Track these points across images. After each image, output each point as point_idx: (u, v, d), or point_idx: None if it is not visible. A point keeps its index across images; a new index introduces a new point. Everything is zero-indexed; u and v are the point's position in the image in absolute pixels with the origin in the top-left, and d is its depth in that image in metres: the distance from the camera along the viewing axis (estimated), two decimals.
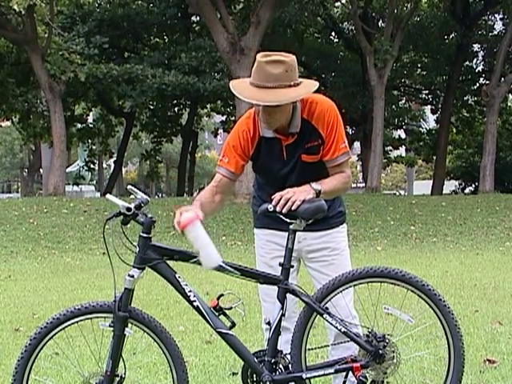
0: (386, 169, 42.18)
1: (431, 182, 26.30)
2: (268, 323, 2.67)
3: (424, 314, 2.99)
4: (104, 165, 42.97)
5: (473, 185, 28.47)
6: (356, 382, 2.61)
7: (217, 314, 2.62)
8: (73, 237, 13.07)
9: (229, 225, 14.26)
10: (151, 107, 25.57)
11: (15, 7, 15.29)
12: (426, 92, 28.78)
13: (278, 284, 2.64)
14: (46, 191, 18.82)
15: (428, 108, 30.30)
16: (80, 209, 15.29)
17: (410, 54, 26.91)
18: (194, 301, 2.60)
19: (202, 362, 4.17)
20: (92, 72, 18.68)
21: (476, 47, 26.23)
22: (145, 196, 2.63)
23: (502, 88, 21.00)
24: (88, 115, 27.84)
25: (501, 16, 25.35)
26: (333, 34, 27.34)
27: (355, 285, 2.69)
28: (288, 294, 2.66)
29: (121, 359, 2.61)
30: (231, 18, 17.87)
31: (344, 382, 2.70)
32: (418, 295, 2.66)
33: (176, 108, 26.86)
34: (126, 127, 27.10)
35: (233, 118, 25.13)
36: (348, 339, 2.66)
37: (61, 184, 18.32)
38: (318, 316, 2.65)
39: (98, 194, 33.47)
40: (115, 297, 2.58)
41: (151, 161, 30.01)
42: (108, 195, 2.69)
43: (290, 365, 2.64)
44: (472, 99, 27.88)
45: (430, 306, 2.66)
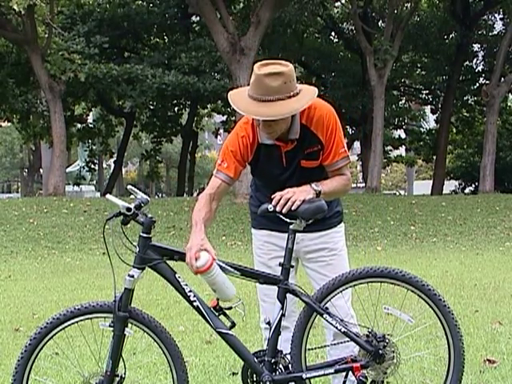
0: (386, 169, 42.21)
1: (431, 182, 26.30)
2: (268, 323, 2.67)
3: (424, 314, 2.99)
4: (104, 165, 42.96)
5: (473, 185, 28.47)
6: (356, 382, 2.61)
7: (217, 314, 2.62)
8: (73, 237, 13.07)
9: (229, 225, 14.25)
10: (151, 107, 25.57)
11: (15, 7, 15.28)
12: (426, 92, 28.78)
13: (278, 284, 2.64)
14: (46, 191, 18.83)
15: (428, 108, 30.31)
16: (80, 209, 15.29)
17: (410, 54, 26.91)
18: (194, 301, 2.60)
19: (202, 362, 4.17)
20: (92, 72, 18.68)
21: (476, 47, 26.22)
22: (145, 196, 2.63)
23: (502, 88, 21.00)
24: (88, 115, 27.85)
25: (501, 16, 25.35)
26: (333, 34, 27.34)
27: (355, 285, 2.69)
28: (287, 294, 2.66)
29: (121, 359, 2.61)
30: (231, 18, 17.86)
31: (344, 382, 2.70)
32: (418, 295, 2.66)
33: (176, 108, 26.85)
34: (126, 127, 27.10)
35: (233, 118, 25.11)
36: (347, 339, 2.66)
37: (61, 184, 18.32)
38: (318, 316, 2.65)
39: (98, 194, 33.46)
40: (115, 297, 2.59)
41: (151, 161, 30.02)
42: (108, 195, 2.69)
43: (290, 365, 2.64)
44: (472, 99, 27.88)
45: (430, 306, 2.66)
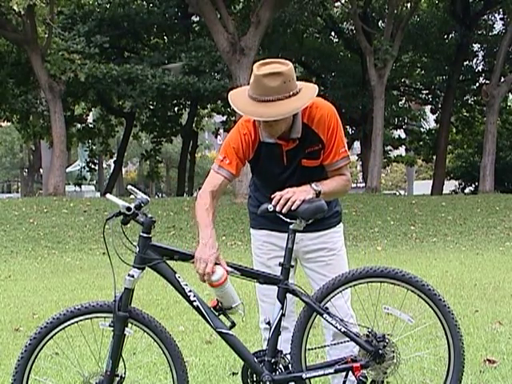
0: (386, 168, 42.19)
1: (431, 182, 26.30)
2: (268, 323, 2.67)
3: (424, 314, 2.99)
4: (104, 165, 42.96)
5: (473, 185, 28.46)
6: (356, 382, 2.61)
7: (217, 314, 2.62)
8: (73, 237, 13.07)
9: (229, 225, 14.25)
10: (151, 107, 25.56)
11: (15, 7, 15.29)
12: (426, 92, 28.78)
13: (278, 284, 2.64)
14: (46, 191, 18.83)
15: (428, 108, 30.30)
16: (80, 209, 15.29)
17: (410, 54, 26.90)
18: (194, 301, 2.60)
19: (202, 362, 4.17)
20: (92, 72, 18.69)
21: (476, 47, 26.22)
22: (145, 196, 2.63)
23: (502, 88, 21.00)
24: (88, 115, 27.84)
25: (501, 16, 25.36)
26: (333, 34, 27.33)
27: (355, 285, 2.69)
28: (286, 294, 2.66)
29: (121, 359, 2.61)
30: (231, 18, 17.86)
31: (344, 382, 2.70)
32: (418, 295, 2.66)
33: (176, 108, 26.85)
34: (126, 127, 27.10)
35: (233, 118, 25.11)
36: (347, 339, 2.66)
37: (61, 184, 18.32)
38: (318, 316, 2.65)
39: (98, 194, 33.46)
40: (115, 297, 2.58)
41: (151, 161, 30.02)
42: (108, 195, 2.69)
43: (290, 365, 2.64)
44: (472, 99, 27.88)
45: (430, 306, 2.66)
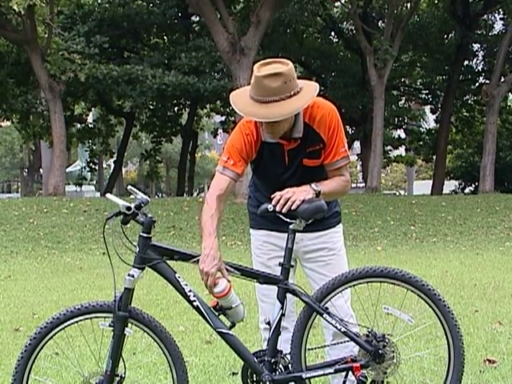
0: (386, 168, 42.21)
1: (431, 182, 26.30)
2: (268, 323, 2.67)
3: (424, 314, 2.99)
4: (104, 165, 42.95)
5: (473, 185, 28.47)
6: (356, 382, 2.61)
7: (217, 314, 2.62)
8: (73, 237, 13.07)
9: (229, 225, 14.25)
10: (151, 107, 25.57)
11: (15, 7, 15.29)
12: (426, 92, 28.79)
13: (278, 284, 2.64)
14: (46, 191, 18.83)
15: (428, 108, 30.30)
16: (80, 209, 15.29)
17: (410, 54, 26.91)
18: (194, 301, 2.60)
19: (202, 362, 4.17)
20: (92, 73, 18.69)
21: (476, 47, 26.22)
22: (145, 196, 2.62)
23: (502, 88, 21.00)
24: (87, 115, 27.84)
25: (501, 16, 25.35)
26: (333, 34, 27.33)
27: (355, 285, 2.69)
28: (286, 294, 2.66)
29: (121, 359, 2.61)
30: (231, 18, 17.85)
31: (344, 382, 2.70)
32: (418, 295, 2.66)
33: (176, 108, 26.86)
34: (126, 127, 27.10)
35: (232, 119, 25.11)
36: (346, 339, 2.66)
37: (61, 184, 18.33)
38: (318, 316, 2.65)
39: (98, 194, 33.46)
40: (115, 297, 2.58)
41: (151, 161, 30.02)
42: (108, 195, 2.69)
43: (290, 365, 2.64)
44: (472, 99, 27.88)
45: (430, 306, 2.66)
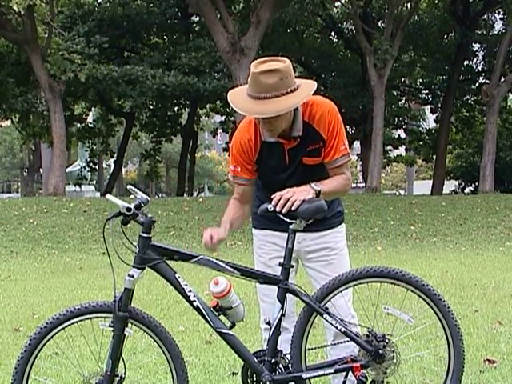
0: (386, 168, 42.19)
1: (431, 182, 26.30)
2: (268, 323, 2.67)
3: (424, 314, 2.99)
4: (104, 165, 42.95)
5: (473, 185, 28.47)
6: (356, 382, 2.61)
7: (217, 314, 2.62)
8: (73, 237, 13.07)
9: None
10: (151, 107, 25.57)
11: (15, 7, 15.29)
12: (426, 92, 28.78)
13: (278, 284, 2.64)
14: (46, 191, 18.83)
15: (428, 108, 30.30)
16: (80, 209, 15.29)
17: (410, 54, 26.91)
18: (194, 301, 2.60)
19: (202, 362, 4.17)
20: (92, 73, 18.69)
21: (476, 47, 26.22)
22: (145, 196, 2.62)
23: (502, 88, 20.99)
24: (87, 115, 27.83)
25: (501, 16, 25.36)
26: (333, 34, 27.33)
27: (355, 285, 2.69)
28: (287, 294, 2.66)
29: (121, 359, 2.61)
30: (231, 18, 17.86)
31: (344, 382, 2.70)
32: (418, 295, 2.66)
33: (176, 108, 26.86)
34: (126, 127, 27.10)
35: (232, 118, 25.12)
36: (347, 339, 2.66)
37: (61, 184, 18.33)
38: (318, 316, 2.65)
39: (98, 194, 33.45)
40: (115, 297, 2.58)
41: (151, 160, 30.02)
42: (108, 195, 2.69)
43: (290, 365, 2.64)
44: (472, 99, 27.88)
45: (430, 306, 2.66)
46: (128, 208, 2.54)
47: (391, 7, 20.87)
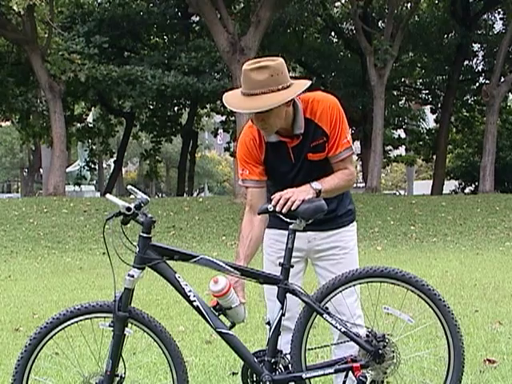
0: (386, 168, 42.18)
1: (431, 182, 26.31)
2: (268, 323, 2.66)
3: (424, 314, 2.99)
4: (104, 165, 42.95)
5: (473, 185, 28.47)
6: (356, 382, 2.61)
7: (217, 314, 2.62)
8: (73, 237, 13.08)
9: (229, 225, 14.25)
10: (151, 107, 25.58)
11: (15, 7, 15.29)
12: (426, 92, 28.80)
13: (278, 284, 2.64)
14: (46, 191, 18.83)
15: (428, 108, 30.31)
16: (80, 209, 15.29)
17: (410, 54, 26.92)
18: (194, 301, 2.60)
19: (202, 362, 4.16)
20: (92, 74, 18.69)
21: (476, 47, 26.23)
22: (145, 196, 2.62)
23: (502, 88, 21.00)
24: (87, 115, 27.83)
25: (501, 16, 25.37)
26: (333, 34, 27.34)
27: (355, 285, 2.69)
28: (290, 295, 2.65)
29: (121, 359, 2.61)
30: (231, 18, 17.86)
31: (344, 382, 2.70)
32: (418, 295, 2.66)
33: (176, 108, 26.86)
34: (126, 127, 27.10)
35: (232, 118, 25.10)
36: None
37: (61, 184, 18.33)
38: (318, 316, 2.65)
39: (98, 194, 33.45)
40: (115, 297, 2.58)
41: (151, 160, 30.03)
42: (108, 195, 2.69)
43: (290, 365, 2.63)
44: (472, 99, 27.89)
45: (430, 306, 2.65)
46: (128, 208, 2.54)
47: (391, 7, 20.88)
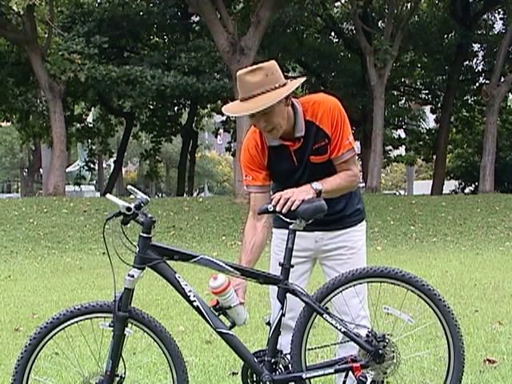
0: (386, 168, 42.18)
1: (431, 182, 26.30)
2: (268, 323, 2.66)
3: (424, 314, 2.99)
4: (104, 165, 42.94)
5: (473, 185, 28.47)
6: (356, 382, 2.61)
7: (217, 314, 2.62)
8: (73, 237, 13.08)
9: (229, 225, 14.25)
10: (151, 107, 25.57)
11: (14, 7, 15.28)
12: (426, 92, 28.79)
13: (278, 284, 2.64)
14: (46, 191, 18.82)
15: (428, 108, 30.31)
16: (80, 209, 15.29)
17: (410, 54, 26.91)
18: (194, 301, 2.60)
19: (202, 362, 4.16)
20: (91, 74, 18.69)
21: (476, 47, 26.23)
22: (145, 196, 2.62)
23: (502, 88, 21.00)
24: (87, 115, 27.83)
25: (501, 16, 25.37)
26: (333, 34, 27.34)
27: (355, 285, 2.69)
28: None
29: (121, 359, 2.61)
30: (231, 18, 17.85)
31: (344, 382, 2.70)
32: (418, 295, 2.66)
33: (176, 108, 26.86)
34: (126, 127, 27.10)
35: (233, 118, 25.10)
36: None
37: (61, 184, 18.32)
38: (318, 316, 2.65)
39: (98, 194, 33.45)
40: (115, 297, 2.58)
41: (151, 160, 30.03)
42: (108, 195, 2.69)
43: (290, 365, 2.63)
44: (472, 99, 27.88)
45: (430, 306, 2.66)
46: (128, 208, 2.54)
47: (391, 7, 20.88)
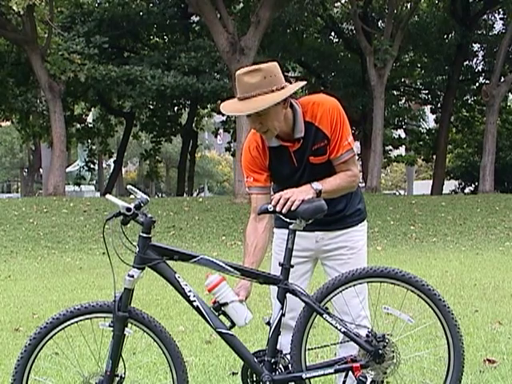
0: (386, 168, 42.17)
1: (431, 182, 26.30)
2: (268, 323, 2.66)
3: (424, 314, 2.99)
4: (104, 165, 42.93)
5: (473, 185, 28.47)
6: (356, 382, 2.61)
7: (217, 314, 2.62)
8: (73, 237, 13.07)
9: (229, 225, 14.26)
10: (151, 107, 25.57)
11: (14, 7, 15.28)
12: (426, 92, 28.78)
13: (278, 284, 2.64)
14: (46, 191, 18.83)
15: (428, 108, 30.30)
16: (80, 209, 15.29)
17: (410, 54, 26.91)
18: (194, 301, 2.60)
19: (202, 362, 4.16)
20: (91, 74, 18.69)
21: (476, 47, 26.22)
22: (144, 196, 2.62)
23: (502, 88, 21.00)
24: (87, 115, 27.84)
25: (501, 16, 25.36)
26: (333, 34, 27.33)
27: (355, 285, 2.69)
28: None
29: (121, 359, 2.61)
30: (231, 18, 17.85)
31: (344, 382, 2.70)
32: (418, 295, 2.66)
33: (176, 108, 26.86)
34: (126, 127, 27.10)
35: (233, 118, 25.10)
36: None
37: (61, 184, 18.33)
38: (318, 316, 2.65)
39: (98, 194, 33.45)
40: (115, 297, 2.58)
41: (151, 161, 30.03)
42: (108, 195, 2.69)
43: (290, 365, 2.63)
44: (472, 99, 27.88)
45: (430, 306, 2.66)
46: (128, 208, 2.54)
47: (391, 7, 20.88)
